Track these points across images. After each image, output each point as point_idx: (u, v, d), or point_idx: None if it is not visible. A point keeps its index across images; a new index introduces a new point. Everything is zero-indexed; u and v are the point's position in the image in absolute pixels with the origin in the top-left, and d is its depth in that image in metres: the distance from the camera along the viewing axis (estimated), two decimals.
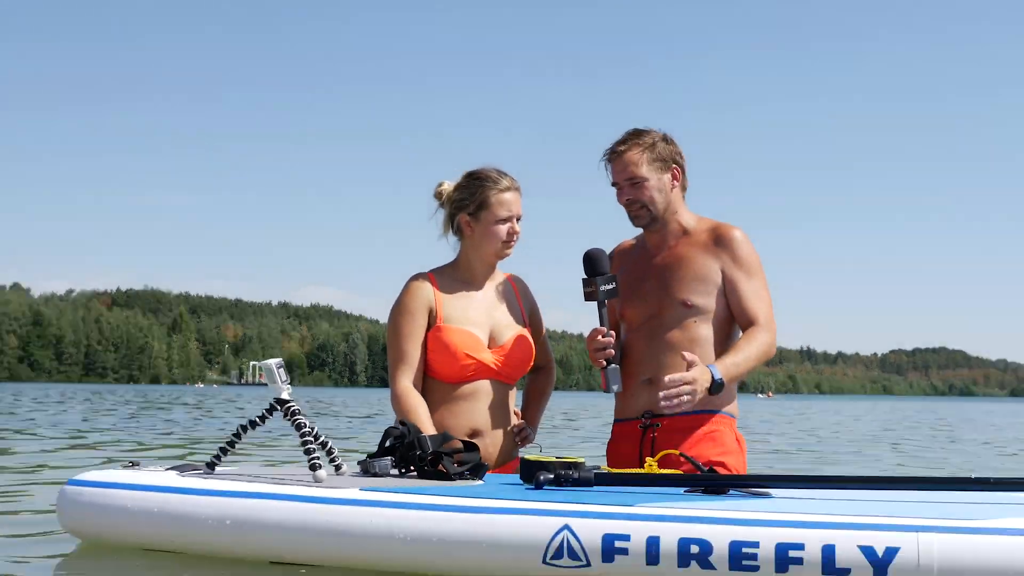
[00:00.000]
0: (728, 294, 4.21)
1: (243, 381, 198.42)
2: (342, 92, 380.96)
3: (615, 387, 4.19)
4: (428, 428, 4.12)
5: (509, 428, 4.40)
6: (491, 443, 4.30)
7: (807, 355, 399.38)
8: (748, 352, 4.08)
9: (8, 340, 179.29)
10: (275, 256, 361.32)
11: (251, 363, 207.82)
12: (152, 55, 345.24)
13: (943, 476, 3.61)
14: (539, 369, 4.63)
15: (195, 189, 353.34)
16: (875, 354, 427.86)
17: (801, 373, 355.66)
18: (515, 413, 4.48)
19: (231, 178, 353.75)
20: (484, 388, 4.29)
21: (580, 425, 22.50)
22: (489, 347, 4.30)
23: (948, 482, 3.59)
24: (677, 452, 3.94)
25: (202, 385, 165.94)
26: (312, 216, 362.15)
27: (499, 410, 4.33)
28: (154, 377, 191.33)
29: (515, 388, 4.47)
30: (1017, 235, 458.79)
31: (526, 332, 4.41)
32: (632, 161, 4.22)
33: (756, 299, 4.18)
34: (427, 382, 4.31)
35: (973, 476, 3.51)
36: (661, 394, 3.95)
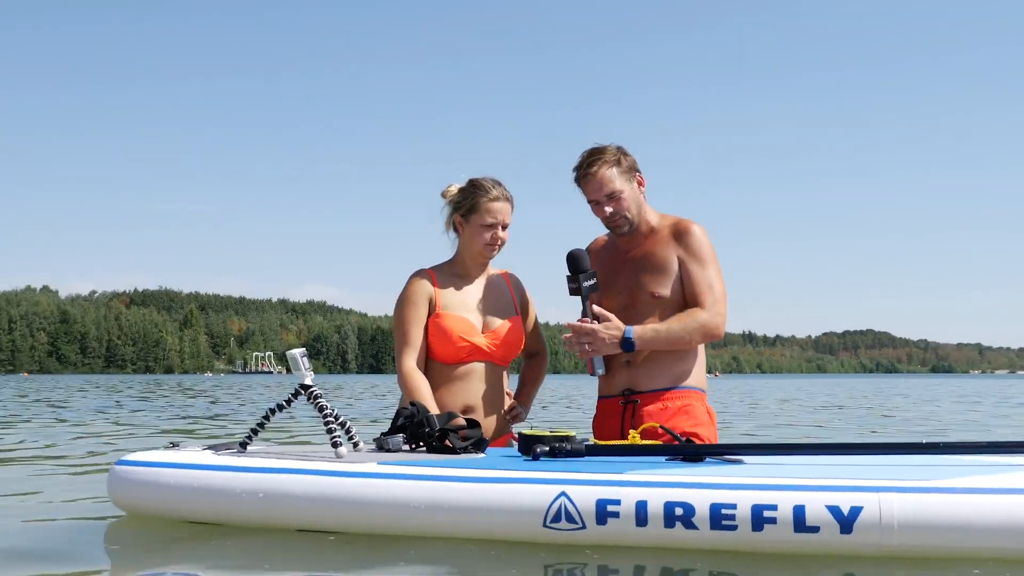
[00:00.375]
0: (683, 282, 4.18)
1: (247, 370, 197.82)
2: (337, 112, 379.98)
3: (599, 371, 4.23)
4: (430, 404, 4.16)
5: (502, 406, 4.40)
6: (484, 419, 4.30)
7: (748, 338, 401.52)
8: (672, 325, 4.08)
9: (39, 337, 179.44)
10: (275, 257, 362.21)
11: (254, 353, 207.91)
12: (165, 83, 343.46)
13: (899, 442, 3.60)
14: (534, 355, 4.68)
15: (204, 198, 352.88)
16: (809, 336, 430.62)
17: (744, 355, 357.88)
18: (508, 394, 4.48)
19: (236, 187, 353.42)
20: (478, 369, 4.31)
21: (569, 403, 22.53)
22: (483, 332, 4.32)
23: (903, 448, 3.60)
24: (657, 425, 3.96)
25: (210, 374, 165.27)
26: (308, 221, 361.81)
27: (492, 389, 4.35)
28: (168, 368, 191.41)
29: (507, 370, 4.48)
30: (937, 224, 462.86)
31: (517, 319, 4.42)
32: (606, 179, 4.19)
33: (704, 285, 4.14)
34: (429, 364, 4.33)
35: (924, 442, 3.51)
36: (563, 336, 4.13)
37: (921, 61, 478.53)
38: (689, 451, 3.64)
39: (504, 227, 4.32)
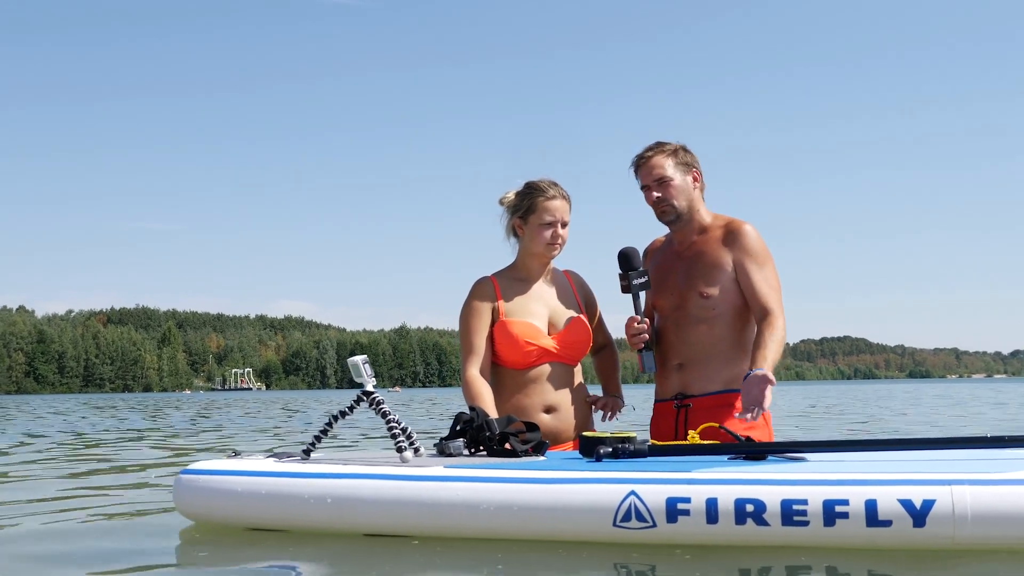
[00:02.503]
0: (740, 283, 4.19)
1: (226, 387, 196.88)
2: (305, 127, 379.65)
3: (649, 369, 4.29)
4: (492, 410, 4.17)
5: (580, 404, 4.41)
6: (564, 418, 4.32)
7: None
8: (774, 343, 4.06)
9: (16, 357, 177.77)
10: (252, 274, 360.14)
11: (233, 370, 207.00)
12: (132, 103, 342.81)
13: (960, 436, 3.62)
14: (602, 347, 4.70)
15: (178, 217, 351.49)
16: (787, 344, 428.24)
17: None
18: (587, 399, 4.47)
19: (211, 206, 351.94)
20: (549, 370, 4.32)
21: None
22: (549, 333, 4.34)
23: (964, 441, 3.61)
24: (716, 425, 3.96)
25: (189, 392, 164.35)
26: (284, 237, 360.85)
27: (566, 389, 4.35)
28: (147, 386, 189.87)
29: (579, 367, 4.49)
30: (913, 232, 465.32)
31: (582, 318, 4.43)
32: (658, 164, 4.28)
33: (766, 287, 4.16)
34: (499, 371, 4.36)
35: (988, 435, 3.54)
36: (736, 415, 4.03)
37: (898, 57, 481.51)
38: (751, 449, 3.64)
39: (564, 225, 4.34)
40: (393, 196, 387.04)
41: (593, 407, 4.49)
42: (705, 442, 3.78)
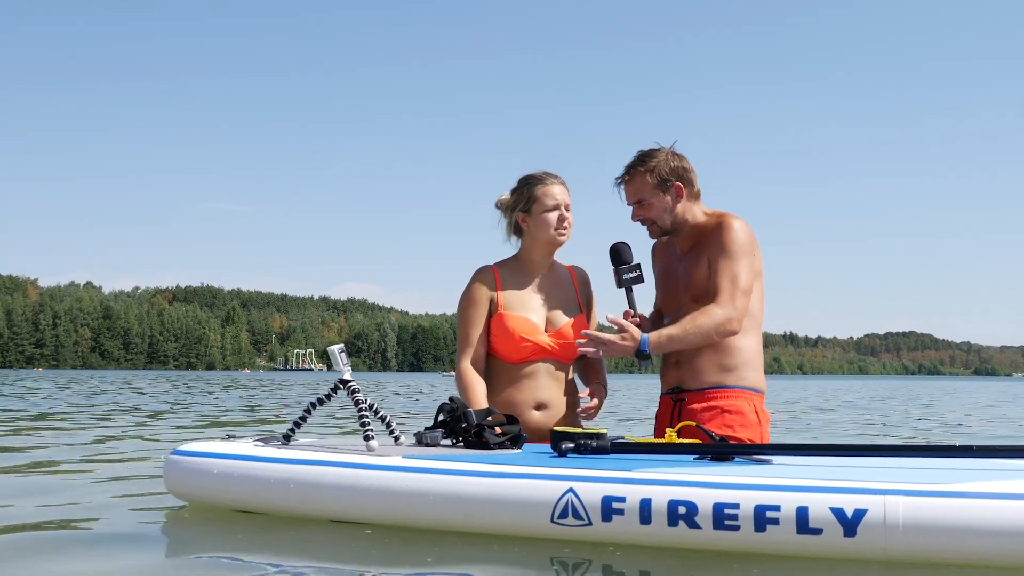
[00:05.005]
0: (709, 273, 4.14)
1: (288, 367, 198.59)
2: (378, 112, 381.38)
3: (644, 362, 4.22)
4: (481, 402, 4.19)
5: (572, 402, 4.39)
6: (555, 415, 4.32)
7: (790, 339, 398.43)
8: (688, 326, 4.03)
9: (82, 332, 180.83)
10: (316, 255, 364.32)
11: (295, 350, 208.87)
12: (209, 84, 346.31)
13: (931, 444, 3.54)
14: None
15: (247, 199, 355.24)
16: (851, 337, 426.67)
17: (785, 356, 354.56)
18: (574, 389, 4.45)
19: (277, 188, 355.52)
20: (543, 367, 4.30)
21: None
22: (546, 331, 4.31)
23: (934, 450, 3.54)
24: (694, 424, 3.94)
25: (248, 371, 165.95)
26: (350, 220, 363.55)
27: (558, 387, 4.33)
28: (209, 364, 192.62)
29: (573, 367, 4.47)
30: (980, 227, 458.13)
31: (581, 317, 4.40)
32: (636, 188, 4.25)
33: (723, 277, 4.07)
34: (494, 363, 4.34)
35: (956, 444, 3.46)
36: (578, 341, 4.13)
37: (961, 60, 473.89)
38: (716, 450, 3.60)
39: (567, 207, 4.32)
40: (461, 182, 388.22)
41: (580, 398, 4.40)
42: (673, 441, 3.75)
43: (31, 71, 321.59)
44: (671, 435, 3.79)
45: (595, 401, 4.38)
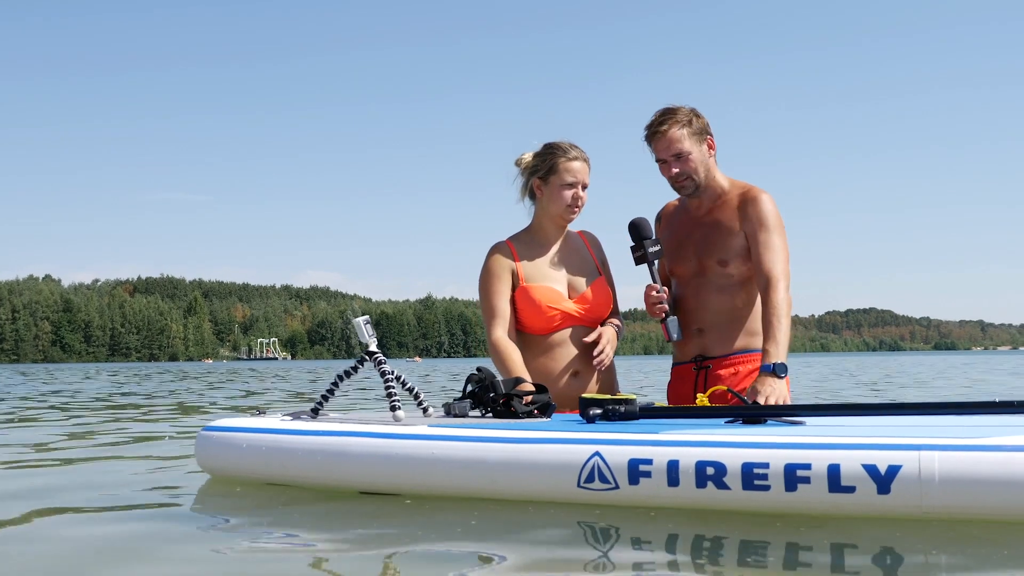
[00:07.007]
0: (752, 250, 4.12)
1: (251, 356, 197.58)
2: (334, 98, 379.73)
3: (675, 336, 4.24)
4: (519, 370, 4.14)
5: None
6: (588, 381, 4.29)
7: None
8: (779, 322, 3.97)
9: (42, 326, 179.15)
10: (277, 244, 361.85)
11: (259, 340, 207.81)
12: (162, 74, 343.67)
13: (964, 401, 3.49)
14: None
15: (204, 187, 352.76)
16: (812, 315, 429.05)
17: None
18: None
19: (236, 176, 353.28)
20: (573, 334, 4.28)
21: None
22: (569, 297, 4.28)
23: (968, 407, 3.49)
24: (725, 388, 3.94)
25: (211, 361, 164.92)
26: (310, 208, 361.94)
27: (589, 352, 4.28)
28: (172, 355, 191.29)
29: None
30: (938, 201, 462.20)
31: (601, 279, 4.38)
32: (675, 138, 4.14)
33: (771, 255, 4.06)
34: (522, 336, 4.30)
35: (997, 400, 3.43)
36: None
37: (905, 39, 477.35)
38: (748, 413, 3.54)
39: (584, 187, 4.28)
40: (420, 167, 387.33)
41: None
42: (704, 405, 3.72)
43: None
44: (702, 400, 3.78)
45: (594, 336, 4.27)
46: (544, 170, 4.27)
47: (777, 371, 3.87)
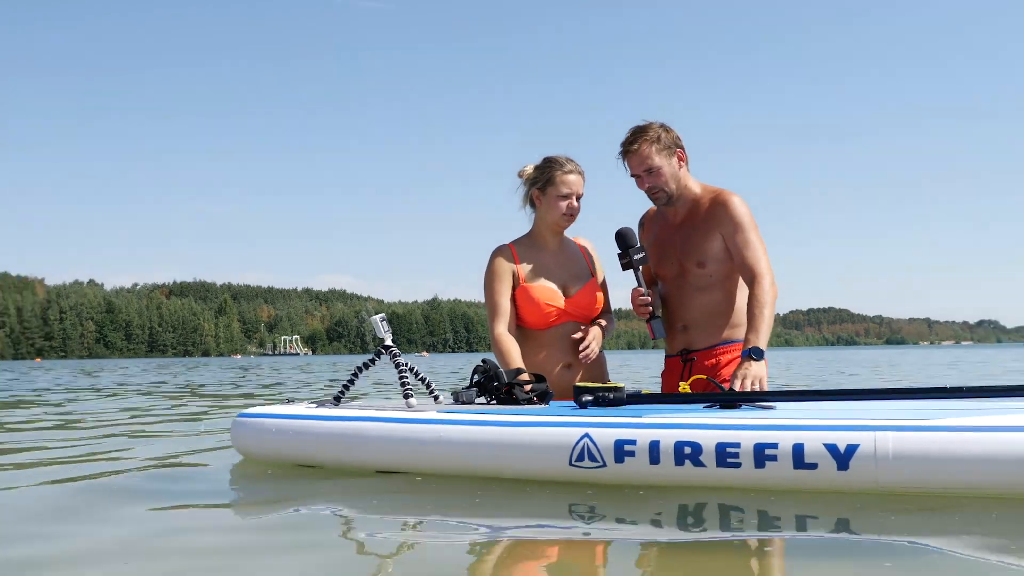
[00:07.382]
0: (732, 251, 4.10)
1: (276, 352, 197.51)
2: (354, 108, 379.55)
3: (659, 335, 4.23)
4: (518, 362, 4.16)
5: (597, 360, 4.37)
6: (582, 372, 4.31)
7: None
8: (762, 312, 3.95)
9: (87, 326, 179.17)
10: (298, 250, 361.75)
11: (283, 337, 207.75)
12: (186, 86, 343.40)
13: (927, 387, 3.47)
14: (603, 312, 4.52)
15: (232, 198, 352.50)
16: (778, 314, 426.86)
17: None
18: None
19: (261, 188, 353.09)
20: (567, 330, 4.30)
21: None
22: (565, 296, 4.30)
23: (932, 392, 3.46)
24: (704, 377, 3.94)
25: (240, 357, 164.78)
26: (328, 216, 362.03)
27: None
28: (205, 351, 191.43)
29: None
30: (891, 209, 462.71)
31: (594, 281, 4.39)
32: (645, 154, 4.14)
33: (751, 253, 4.04)
34: (522, 331, 4.32)
35: (947, 386, 3.43)
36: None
37: (884, 42, 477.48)
38: (724, 399, 3.55)
39: (578, 198, 4.30)
40: (429, 181, 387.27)
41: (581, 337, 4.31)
42: (685, 393, 3.74)
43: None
44: (684, 388, 3.79)
45: (582, 334, 4.29)
46: (542, 182, 4.29)
47: (752, 355, 3.87)
